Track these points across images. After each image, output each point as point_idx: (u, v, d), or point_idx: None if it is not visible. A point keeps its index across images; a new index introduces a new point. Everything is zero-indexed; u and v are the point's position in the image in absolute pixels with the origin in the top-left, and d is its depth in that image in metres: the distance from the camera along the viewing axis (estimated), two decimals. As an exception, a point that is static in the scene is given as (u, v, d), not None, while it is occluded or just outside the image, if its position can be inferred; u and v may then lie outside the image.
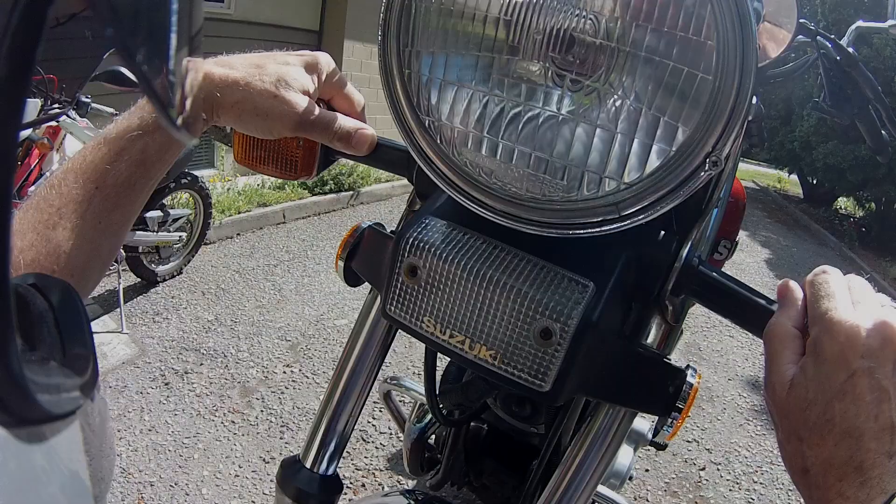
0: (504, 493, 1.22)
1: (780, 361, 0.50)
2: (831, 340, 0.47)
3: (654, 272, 0.59)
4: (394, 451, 2.64)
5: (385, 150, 0.73)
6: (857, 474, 0.45)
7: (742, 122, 0.46)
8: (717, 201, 0.63)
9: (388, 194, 7.24)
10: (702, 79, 0.46)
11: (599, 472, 0.65)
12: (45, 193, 0.60)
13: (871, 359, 0.45)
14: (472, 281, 0.53)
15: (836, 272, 0.53)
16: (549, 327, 0.50)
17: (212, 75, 0.61)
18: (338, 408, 0.75)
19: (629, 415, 0.63)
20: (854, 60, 1.27)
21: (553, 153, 0.53)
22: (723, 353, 4.23)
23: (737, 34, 0.44)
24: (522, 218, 0.55)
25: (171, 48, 0.26)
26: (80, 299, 0.37)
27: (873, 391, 0.45)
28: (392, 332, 0.76)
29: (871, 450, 0.45)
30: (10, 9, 0.21)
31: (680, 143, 0.48)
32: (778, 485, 2.87)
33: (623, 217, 0.52)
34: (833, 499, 0.46)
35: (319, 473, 0.76)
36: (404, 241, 0.56)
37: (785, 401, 0.49)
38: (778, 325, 0.51)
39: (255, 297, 3.95)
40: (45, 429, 0.33)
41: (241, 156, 0.75)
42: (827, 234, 9.50)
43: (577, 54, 0.50)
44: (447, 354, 0.58)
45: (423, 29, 0.54)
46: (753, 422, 3.39)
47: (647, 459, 2.87)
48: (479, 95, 0.54)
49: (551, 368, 0.52)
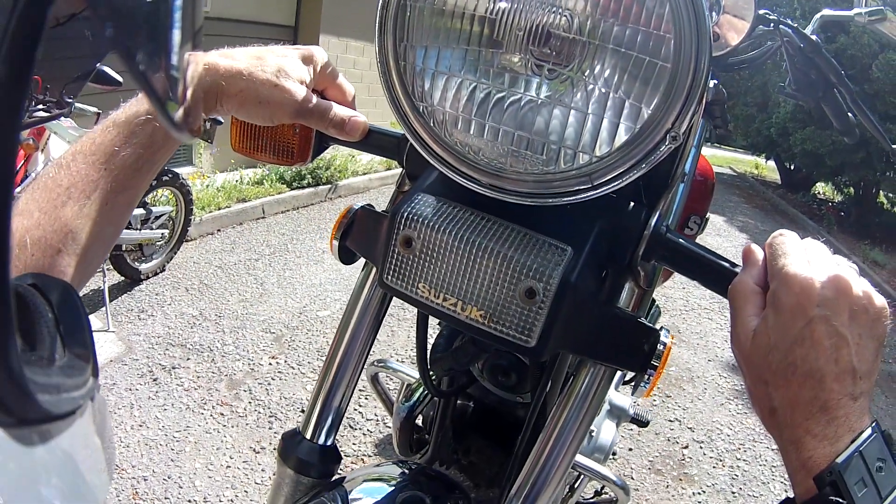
0: (492, 470, 1.26)
1: (744, 315, 0.55)
2: (788, 292, 0.52)
3: (626, 240, 0.65)
4: (381, 436, 2.68)
5: (376, 136, 0.78)
6: (822, 413, 0.50)
7: (698, 102, 0.53)
8: (681, 175, 0.69)
9: (365, 187, 7.26)
10: (661, 66, 0.53)
11: (582, 432, 0.70)
12: (54, 173, 0.61)
13: (827, 308, 0.51)
14: (463, 248, 0.59)
15: (792, 234, 0.59)
16: (532, 287, 0.57)
17: (216, 66, 0.65)
18: (335, 381, 0.80)
19: (608, 373, 0.69)
20: (817, 47, 1.33)
21: (533, 132, 0.59)
22: (702, 335, 4.32)
23: (692, 28, 0.51)
24: (507, 189, 0.61)
25: (174, 45, 0.27)
26: (79, 299, 0.38)
27: (831, 337, 0.50)
28: (385, 306, 0.81)
29: (834, 390, 0.50)
30: (10, 9, 0.21)
31: (644, 121, 0.55)
32: (761, 461, 2.94)
33: (595, 186, 0.58)
34: (802, 436, 0.50)
35: (319, 444, 0.80)
36: (400, 215, 0.62)
37: (749, 349, 0.54)
38: (741, 283, 0.57)
39: (238, 291, 3.97)
40: (46, 429, 0.32)
41: (239, 144, 0.79)
42: (805, 219, 9.65)
43: (553, 47, 0.56)
44: (441, 317, 0.63)
45: (417, 26, 0.60)
46: (735, 401, 3.47)
47: (631, 439, 2.94)
48: (467, 83, 0.61)
49: (536, 325, 0.58)
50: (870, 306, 0.52)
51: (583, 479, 1.36)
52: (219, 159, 6.56)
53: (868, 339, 0.51)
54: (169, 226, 3.97)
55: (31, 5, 0.21)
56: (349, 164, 7.04)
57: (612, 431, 1.54)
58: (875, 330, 0.52)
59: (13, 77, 0.21)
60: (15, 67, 0.21)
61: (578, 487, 1.40)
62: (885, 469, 0.50)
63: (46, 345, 0.31)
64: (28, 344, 0.30)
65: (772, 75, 9.68)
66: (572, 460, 0.71)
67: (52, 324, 0.33)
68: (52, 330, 0.32)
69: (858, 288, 0.52)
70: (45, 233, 0.58)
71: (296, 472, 0.79)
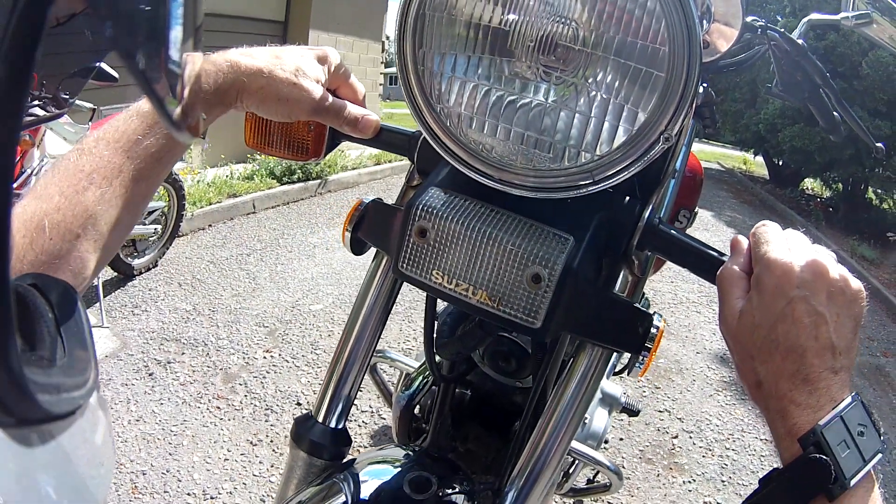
0: (488, 458, 1.30)
1: (731, 298, 0.60)
2: (770, 275, 0.57)
3: (621, 231, 0.71)
4: (376, 427, 2.72)
5: (387, 133, 0.83)
6: (805, 384, 0.54)
7: (689, 107, 0.59)
8: (673, 172, 0.76)
9: (354, 182, 7.30)
10: (656, 75, 0.59)
11: (580, 412, 0.74)
12: (76, 158, 0.63)
13: (806, 288, 0.55)
14: (474, 237, 0.64)
15: (774, 225, 0.64)
16: (538, 273, 0.62)
17: (238, 64, 0.69)
18: (346, 366, 0.84)
19: (605, 356, 0.73)
20: (803, 50, 1.39)
21: (541, 132, 0.65)
22: (690, 328, 4.39)
23: (684, 41, 0.56)
24: (515, 184, 0.67)
25: (174, 43, 0.28)
26: (79, 299, 0.38)
27: (810, 315, 0.55)
28: (394, 295, 0.85)
29: (815, 364, 0.54)
30: (10, 9, 0.21)
31: (640, 124, 0.61)
32: (750, 451, 2.99)
33: (596, 181, 0.64)
34: (787, 406, 0.55)
35: (331, 427, 0.84)
36: (415, 207, 0.67)
37: (736, 328, 0.59)
38: (727, 270, 0.62)
39: (231, 286, 4.00)
40: (46, 429, 0.32)
41: (253, 140, 0.83)
42: (793, 214, 9.73)
43: (559, 56, 0.62)
44: (453, 302, 0.69)
45: (435, 34, 0.65)
46: (723, 392, 3.53)
47: (622, 429, 2.99)
48: (482, 87, 0.66)
49: (541, 308, 0.64)
50: (846, 288, 0.57)
51: (577, 464, 1.41)
52: (209, 154, 6.56)
53: (846, 318, 0.56)
54: (161, 221, 3.99)
55: (31, 5, 0.21)
56: (339, 158, 7.06)
57: (605, 419, 1.59)
58: (852, 310, 0.57)
59: (13, 77, 0.21)
60: (15, 67, 0.21)
61: (573, 473, 1.45)
62: (867, 434, 0.54)
63: (46, 345, 0.31)
64: (28, 344, 0.30)
65: (761, 72, 9.74)
66: (572, 439, 0.75)
67: (52, 324, 0.33)
68: (53, 330, 0.32)
69: (835, 272, 0.57)
70: (65, 217, 0.58)
71: (308, 455, 0.82)
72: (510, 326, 0.66)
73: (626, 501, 2.53)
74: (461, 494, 0.80)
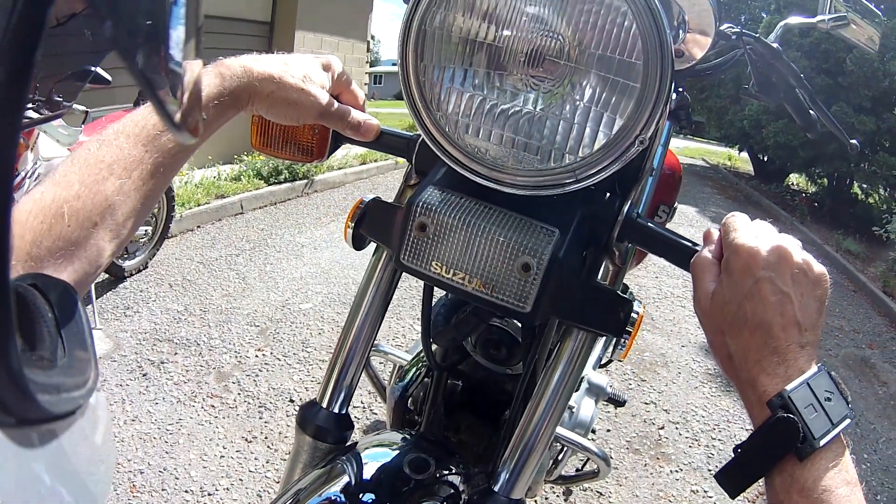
0: (480, 447, 1.35)
1: (703, 282, 0.67)
2: (738, 258, 0.63)
3: (603, 224, 0.78)
4: (368, 423, 2.77)
5: (388, 137, 0.90)
6: (773, 355, 0.60)
7: (662, 113, 0.66)
8: (650, 170, 0.84)
9: (340, 182, 7.34)
10: (632, 86, 0.66)
11: (567, 393, 0.80)
12: (96, 149, 0.63)
13: (771, 270, 0.61)
14: (469, 231, 0.71)
15: (743, 215, 0.70)
16: (528, 262, 0.69)
17: (251, 69, 0.73)
18: (349, 354, 0.89)
19: (589, 339, 0.79)
20: (777, 53, 1.45)
21: (530, 137, 0.72)
22: (675, 321, 4.47)
23: (657, 57, 0.64)
24: (506, 182, 0.74)
25: (175, 44, 0.28)
26: (80, 299, 0.38)
27: (776, 294, 0.61)
28: (393, 286, 0.91)
29: (781, 338, 0.60)
30: (9, 9, 0.21)
31: (618, 129, 0.68)
32: (736, 440, 2.99)
33: (579, 180, 0.71)
34: (757, 375, 0.60)
35: (335, 413, 0.89)
36: (415, 204, 0.74)
37: (709, 307, 0.65)
38: (700, 257, 0.69)
39: (221, 286, 4.03)
40: (46, 429, 0.31)
41: (259, 143, 0.88)
42: (778, 209, 9.83)
43: (546, 69, 0.69)
44: (450, 290, 0.75)
45: (435, 49, 0.72)
46: (708, 384, 3.61)
47: (609, 421, 3.05)
48: (477, 97, 0.73)
49: (531, 294, 0.71)
50: (809, 271, 0.63)
51: (566, 451, 1.46)
52: (196, 155, 6.55)
53: (810, 298, 0.62)
54: (151, 222, 4.00)
55: (31, 5, 0.21)
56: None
57: (592, 408, 1.65)
58: (815, 291, 0.63)
59: (13, 77, 0.21)
60: (15, 68, 0.21)
61: (562, 460, 1.50)
62: (834, 400, 0.59)
63: (46, 345, 0.31)
64: (28, 344, 0.30)
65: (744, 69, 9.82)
66: (559, 420, 0.81)
67: (53, 324, 0.33)
68: (53, 330, 0.32)
69: (799, 256, 0.63)
70: (84, 205, 0.59)
71: (313, 439, 0.87)
72: (503, 311, 0.73)
73: (614, 490, 2.59)
74: (457, 476, 0.85)
